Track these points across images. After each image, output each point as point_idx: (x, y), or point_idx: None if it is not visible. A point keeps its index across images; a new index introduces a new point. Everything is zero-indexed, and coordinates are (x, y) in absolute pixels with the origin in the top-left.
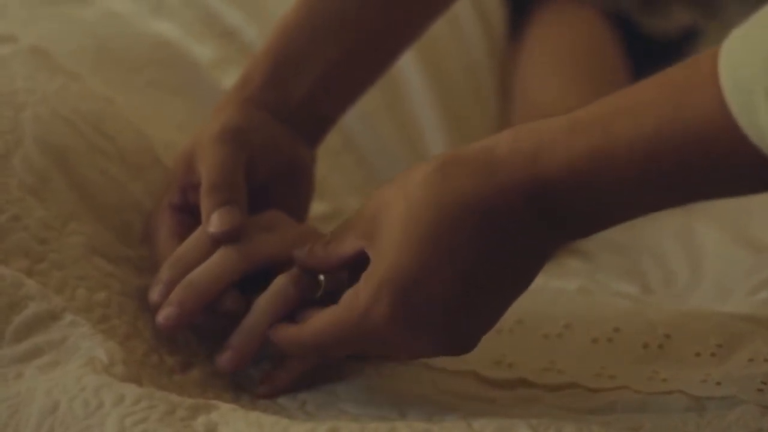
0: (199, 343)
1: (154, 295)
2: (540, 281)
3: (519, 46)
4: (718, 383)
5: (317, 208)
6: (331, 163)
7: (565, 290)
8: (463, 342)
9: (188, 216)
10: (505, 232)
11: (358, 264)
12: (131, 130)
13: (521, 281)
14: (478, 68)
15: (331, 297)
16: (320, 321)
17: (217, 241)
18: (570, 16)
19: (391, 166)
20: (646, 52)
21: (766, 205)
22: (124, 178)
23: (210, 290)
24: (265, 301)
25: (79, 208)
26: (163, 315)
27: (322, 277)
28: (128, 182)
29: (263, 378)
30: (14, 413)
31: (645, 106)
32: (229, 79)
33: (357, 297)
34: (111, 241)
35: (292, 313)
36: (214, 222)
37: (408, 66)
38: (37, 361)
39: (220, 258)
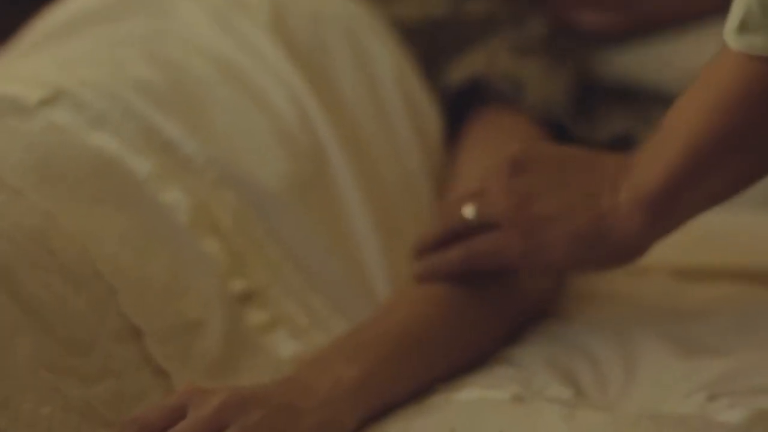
0: None
1: None
2: (474, 393)
3: (455, 154)
4: None
5: (257, 316)
6: (272, 273)
7: (499, 400)
8: None
9: None
10: None
11: None
12: (73, 245)
13: None
14: (414, 177)
15: None
16: None
17: None
18: (505, 124)
19: (328, 273)
20: None
21: (701, 308)
22: (66, 293)
23: None
24: None
25: (23, 322)
26: None
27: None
28: (71, 296)
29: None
30: None
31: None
32: (168, 192)
33: None
34: (57, 352)
35: None
36: None
37: (345, 177)
38: None
39: None
